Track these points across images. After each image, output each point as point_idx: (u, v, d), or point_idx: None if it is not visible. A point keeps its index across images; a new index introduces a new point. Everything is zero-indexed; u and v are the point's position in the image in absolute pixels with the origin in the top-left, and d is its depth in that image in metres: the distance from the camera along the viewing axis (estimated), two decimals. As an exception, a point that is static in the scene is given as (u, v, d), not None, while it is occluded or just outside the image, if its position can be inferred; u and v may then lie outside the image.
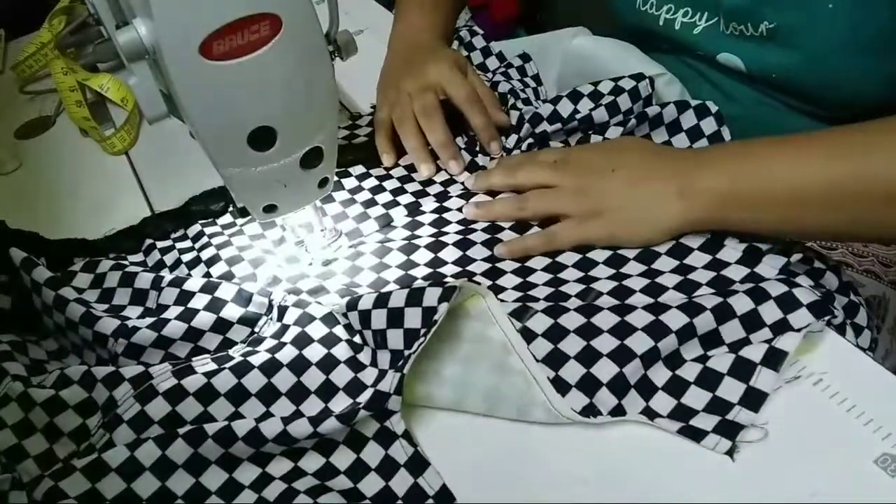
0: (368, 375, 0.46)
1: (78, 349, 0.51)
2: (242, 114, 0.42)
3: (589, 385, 0.42)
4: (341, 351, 0.46)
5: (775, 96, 0.64)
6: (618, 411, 0.41)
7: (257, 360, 0.46)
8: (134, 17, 0.38)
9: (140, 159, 0.72)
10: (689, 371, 0.43)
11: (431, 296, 0.44)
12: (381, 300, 0.46)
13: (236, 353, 0.48)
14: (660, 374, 0.42)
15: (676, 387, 0.42)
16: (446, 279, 0.51)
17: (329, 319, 0.48)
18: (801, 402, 0.41)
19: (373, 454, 0.42)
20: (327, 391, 0.46)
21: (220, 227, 0.59)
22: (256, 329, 0.49)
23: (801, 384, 0.42)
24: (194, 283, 0.50)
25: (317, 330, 0.47)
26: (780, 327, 0.43)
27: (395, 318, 0.45)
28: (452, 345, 0.46)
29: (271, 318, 0.49)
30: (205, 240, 0.57)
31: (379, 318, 0.46)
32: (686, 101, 0.58)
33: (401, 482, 0.41)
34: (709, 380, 0.42)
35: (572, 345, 0.43)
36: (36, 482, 0.41)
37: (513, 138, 0.61)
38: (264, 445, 0.42)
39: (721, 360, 0.42)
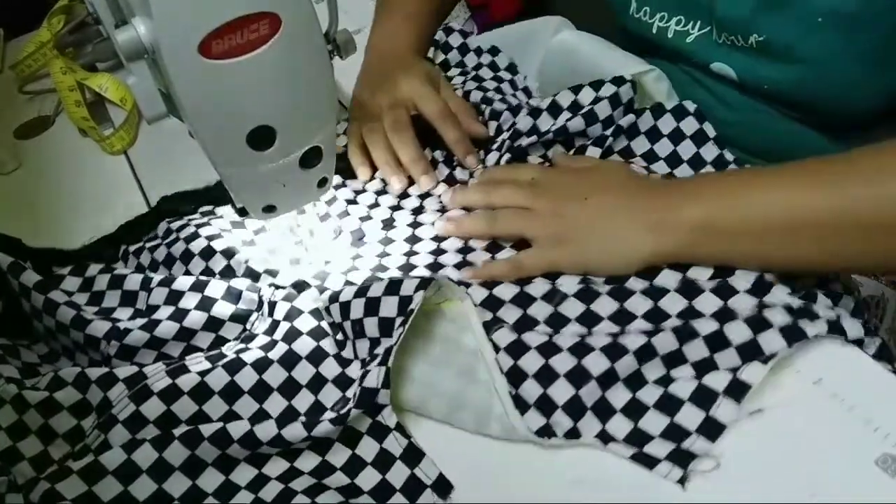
0: (354, 370, 0.46)
1: (69, 352, 0.51)
2: (242, 113, 0.42)
3: (545, 406, 0.42)
4: (328, 343, 0.47)
5: (769, 105, 0.64)
6: (573, 433, 0.41)
7: (249, 356, 0.46)
8: (133, 16, 0.38)
9: (139, 159, 0.72)
10: (650, 394, 0.42)
11: (408, 286, 0.44)
12: (361, 291, 0.46)
13: (229, 350, 0.48)
14: (619, 396, 0.42)
15: (635, 410, 0.41)
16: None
17: (317, 313, 0.48)
18: (801, 402, 0.41)
19: (368, 449, 0.42)
20: (317, 384, 0.46)
21: (196, 220, 0.58)
22: (248, 325, 0.49)
23: (801, 384, 0.42)
24: (183, 281, 0.50)
25: (305, 323, 0.47)
26: (749, 349, 0.41)
27: (372, 306, 0.45)
28: (425, 345, 0.46)
29: (262, 315, 0.49)
30: (174, 236, 0.56)
31: (357, 308, 0.46)
32: (661, 105, 0.57)
33: (397, 474, 0.41)
34: (669, 405, 0.41)
35: (532, 362, 0.43)
36: (32, 484, 0.41)
37: (493, 155, 0.59)
38: (259, 448, 0.42)
39: (684, 385, 0.41)
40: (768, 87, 0.62)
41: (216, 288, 0.50)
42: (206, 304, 0.49)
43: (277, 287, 0.51)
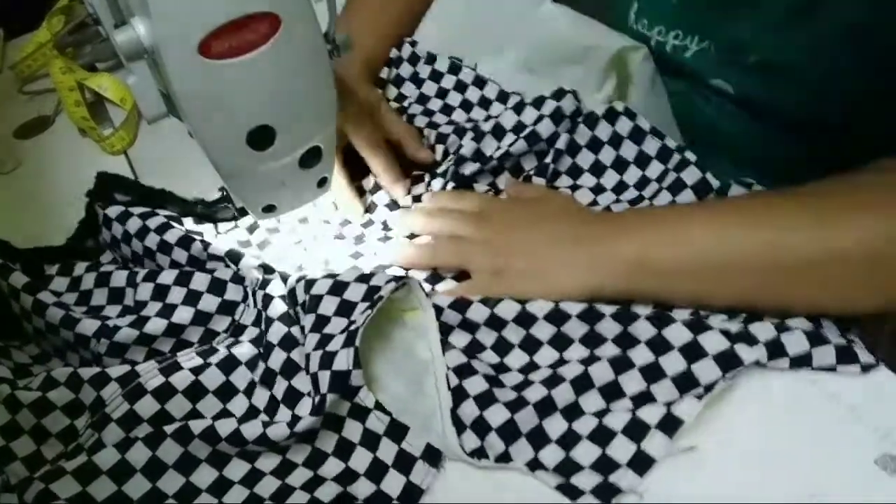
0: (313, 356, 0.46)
1: (60, 352, 0.51)
2: (241, 113, 0.42)
3: (481, 427, 0.42)
4: (298, 330, 0.47)
5: (768, 122, 0.64)
6: (505, 457, 0.41)
7: (241, 351, 0.46)
8: (132, 16, 0.38)
9: (139, 159, 0.71)
10: (585, 424, 0.41)
11: (380, 279, 0.45)
12: (332, 275, 0.47)
13: (220, 344, 0.48)
14: (555, 425, 0.41)
15: (569, 439, 0.41)
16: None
17: (286, 297, 0.48)
18: (801, 402, 0.41)
19: (353, 430, 0.42)
20: (290, 370, 0.46)
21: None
22: (236, 316, 0.50)
23: (801, 384, 0.42)
24: (168, 275, 0.50)
25: (277, 309, 0.47)
26: (684, 380, 0.41)
27: (338, 288, 0.46)
28: (384, 347, 0.46)
29: (248, 305, 0.50)
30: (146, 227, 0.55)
31: (322, 286, 0.46)
32: (593, 113, 0.56)
33: (387, 451, 0.41)
34: (602, 436, 0.40)
35: (475, 385, 0.43)
36: (26, 484, 0.41)
37: (438, 181, 0.58)
38: (246, 446, 0.42)
39: (618, 417, 0.41)
40: (765, 105, 0.62)
41: (201, 281, 0.50)
42: (192, 298, 0.49)
43: (265, 269, 0.51)
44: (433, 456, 0.41)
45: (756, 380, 0.42)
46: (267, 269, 0.51)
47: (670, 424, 0.40)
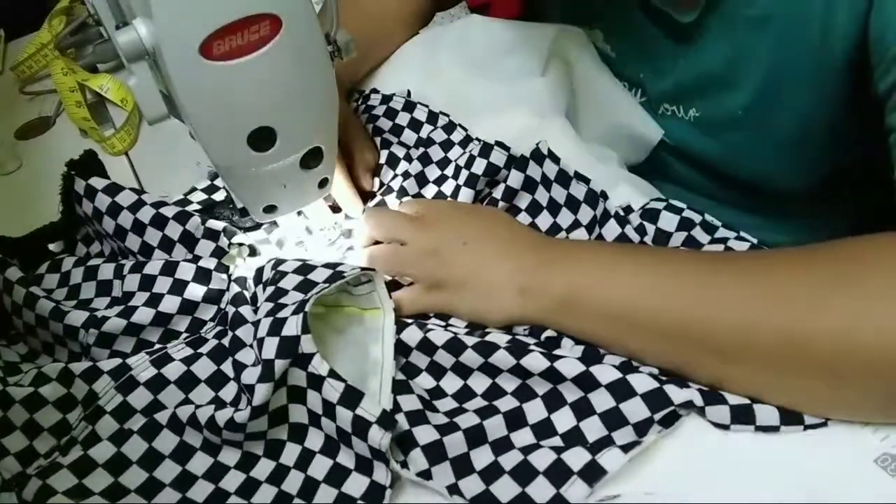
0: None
1: (49, 348, 0.52)
2: (242, 114, 0.42)
3: (408, 442, 0.41)
4: (247, 309, 0.48)
5: (704, 176, 0.65)
6: (427, 475, 0.41)
7: (229, 341, 0.47)
8: (134, 17, 0.38)
9: (140, 160, 0.72)
10: (510, 459, 0.40)
11: (346, 267, 0.46)
12: (302, 259, 0.48)
13: (208, 333, 0.49)
14: (482, 456, 0.41)
15: (492, 473, 0.40)
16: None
17: (255, 276, 0.50)
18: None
19: (314, 401, 0.42)
20: (236, 347, 0.47)
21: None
22: (222, 305, 0.50)
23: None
24: (154, 265, 0.51)
25: (232, 290, 0.49)
26: (613, 418, 0.40)
27: (305, 269, 0.46)
28: (336, 337, 0.47)
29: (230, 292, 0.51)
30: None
31: (290, 265, 0.47)
32: (523, 156, 0.55)
33: (344, 417, 0.41)
34: (524, 474, 0.40)
35: (408, 402, 0.43)
36: (23, 481, 0.41)
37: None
38: (223, 434, 0.42)
39: (544, 455, 0.40)
40: (701, 160, 0.64)
41: (186, 270, 0.50)
42: (178, 287, 0.50)
43: (240, 245, 0.52)
44: (388, 422, 0.40)
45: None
46: (252, 250, 0.52)
47: (593, 473, 0.38)
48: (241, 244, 0.54)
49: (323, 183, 0.50)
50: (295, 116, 0.44)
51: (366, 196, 0.60)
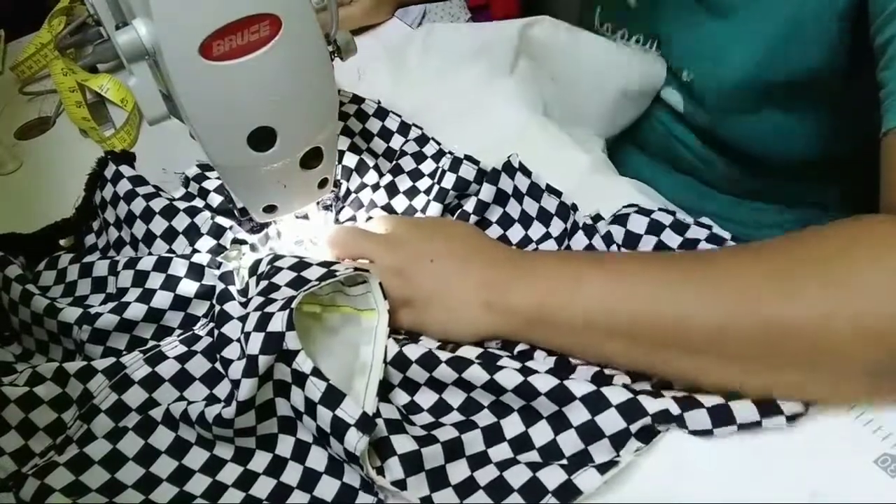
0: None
1: (43, 346, 0.52)
2: (242, 114, 0.42)
3: (386, 451, 0.41)
4: (232, 305, 0.48)
5: (706, 146, 0.65)
6: (402, 485, 0.40)
7: (216, 338, 0.47)
8: (134, 17, 0.38)
9: (140, 160, 0.71)
10: (486, 475, 0.40)
11: (341, 268, 0.46)
12: (299, 257, 0.48)
13: (201, 330, 0.49)
14: (458, 470, 0.41)
15: (466, 487, 0.40)
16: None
17: (250, 270, 0.50)
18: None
19: (297, 398, 0.42)
20: (221, 344, 0.47)
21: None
22: (214, 301, 0.50)
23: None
24: (147, 261, 0.51)
25: (219, 286, 0.49)
26: (589, 431, 0.40)
27: (300, 266, 0.46)
28: (329, 336, 0.47)
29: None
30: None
31: (286, 261, 0.47)
32: (495, 169, 0.55)
33: (324, 417, 0.41)
34: (499, 490, 0.39)
35: (388, 412, 0.43)
36: (21, 480, 0.41)
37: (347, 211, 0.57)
38: (213, 430, 0.42)
39: (520, 472, 0.40)
40: (698, 125, 0.63)
41: (179, 266, 0.50)
42: (170, 283, 0.50)
43: (241, 242, 0.52)
44: (367, 424, 0.40)
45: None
46: (253, 245, 0.52)
47: (566, 494, 0.38)
48: (242, 242, 0.54)
49: (323, 183, 0.50)
50: (295, 116, 0.44)
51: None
